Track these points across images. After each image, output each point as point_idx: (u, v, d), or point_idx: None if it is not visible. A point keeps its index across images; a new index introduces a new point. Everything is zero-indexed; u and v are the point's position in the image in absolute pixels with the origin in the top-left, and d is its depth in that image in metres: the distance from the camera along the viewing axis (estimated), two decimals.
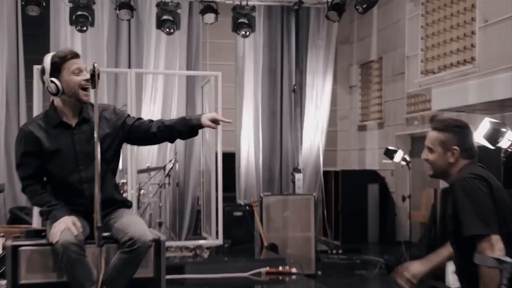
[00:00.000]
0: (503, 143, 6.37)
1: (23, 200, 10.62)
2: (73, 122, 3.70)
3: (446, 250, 3.47)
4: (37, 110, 8.83)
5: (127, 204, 3.95)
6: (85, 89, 3.69)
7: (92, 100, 3.61)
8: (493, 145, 6.47)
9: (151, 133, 3.85)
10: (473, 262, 3.08)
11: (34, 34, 11.11)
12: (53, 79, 3.68)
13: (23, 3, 10.35)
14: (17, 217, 9.89)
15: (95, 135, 3.40)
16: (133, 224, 3.65)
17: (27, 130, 3.72)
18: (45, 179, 3.78)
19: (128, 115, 4.00)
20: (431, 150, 3.37)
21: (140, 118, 3.98)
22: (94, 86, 3.45)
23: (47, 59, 3.73)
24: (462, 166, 3.30)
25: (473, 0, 8.32)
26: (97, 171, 3.33)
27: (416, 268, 3.22)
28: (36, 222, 8.64)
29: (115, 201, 3.82)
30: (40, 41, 11.05)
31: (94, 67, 3.45)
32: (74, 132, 3.66)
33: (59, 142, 3.66)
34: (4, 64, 10.86)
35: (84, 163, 3.56)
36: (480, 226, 3.03)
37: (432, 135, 3.38)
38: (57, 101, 3.73)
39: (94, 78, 3.44)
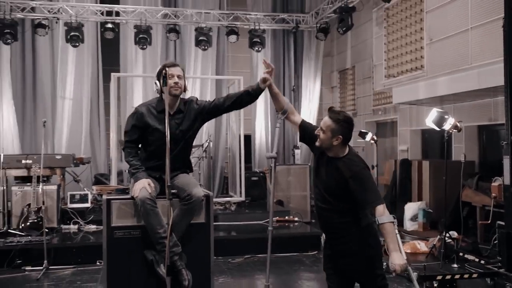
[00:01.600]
0: (446, 126, 6.41)
1: (102, 168, 10.80)
2: (171, 111, 3.60)
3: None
4: (113, 105, 8.94)
5: (187, 170, 3.86)
6: (175, 88, 3.61)
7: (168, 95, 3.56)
8: (439, 128, 6.49)
9: (225, 106, 3.77)
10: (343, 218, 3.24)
11: (109, 51, 11.20)
12: (156, 81, 3.67)
13: (102, 29, 10.46)
14: (99, 180, 10.02)
15: (166, 121, 3.37)
16: (190, 184, 3.61)
17: (140, 111, 3.67)
18: (140, 146, 3.73)
19: (206, 101, 3.84)
20: (323, 131, 3.23)
21: (214, 100, 3.85)
22: (165, 84, 3.45)
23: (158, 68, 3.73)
24: (348, 150, 3.30)
25: (421, 24, 8.38)
26: (168, 148, 3.30)
27: (401, 261, 3.03)
28: (113, 183, 8.78)
29: (182, 166, 3.75)
30: (113, 56, 11.17)
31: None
32: (171, 118, 3.54)
33: (160, 123, 3.59)
34: (89, 72, 10.99)
35: (172, 140, 3.42)
36: (379, 199, 3.17)
37: (327, 121, 3.22)
38: (162, 95, 3.66)
39: (165, 79, 3.46)
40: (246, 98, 3.73)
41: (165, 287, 3.29)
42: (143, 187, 3.42)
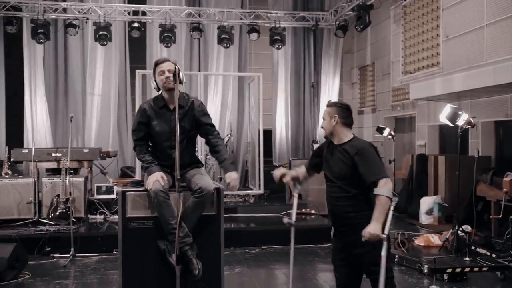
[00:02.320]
0: (459, 122, 6.31)
1: (129, 161, 10.93)
2: (172, 106, 3.61)
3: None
4: (138, 101, 9.02)
5: (198, 165, 3.88)
6: (167, 83, 3.59)
7: (175, 91, 3.53)
8: (452, 124, 6.41)
9: (207, 143, 3.84)
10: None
11: (136, 50, 11.32)
12: (153, 80, 3.70)
13: (129, 29, 10.58)
14: (125, 173, 10.13)
15: (176, 116, 3.36)
16: (202, 178, 3.63)
17: (143, 107, 3.70)
18: (149, 143, 3.76)
19: (205, 114, 3.81)
20: (324, 119, 3.43)
21: (212, 126, 3.84)
22: (175, 81, 3.44)
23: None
24: (353, 136, 3.38)
25: (438, 21, 8.23)
26: (177, 143, 3.31)
27: (375, 231, 3.04)
28: (138, 176, 8.89)
29: (191, 162, 3.78)
30: (140, 54, 11.28)
31: (175, 67, 3.49)
32: (172, 114, 3.55)
33: (161, 119, 3.63)
34: (116, 70, 11.13)
35: (174, 136, 3.42)
36: (383, 173, 3.19)
37: (325, 110, 3.44)
38: (162, 91, 3.70)
39: (175, 75, 3.44)
40: (213, 155, 3.90)
41: (175, 274, 3.33)
42: (156, 180, 3.45)
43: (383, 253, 3.10)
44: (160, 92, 3.72)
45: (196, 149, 8.90)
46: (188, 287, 3.43)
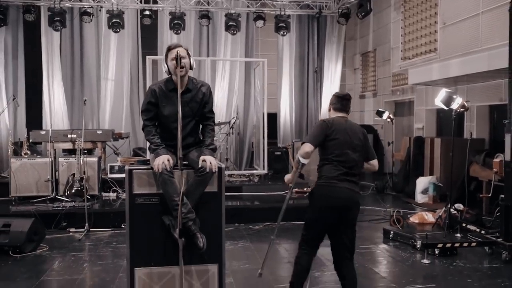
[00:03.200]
0: (454, 106, 6.30)
1: (141, 142, 11.02)
2: (180, 90, 3.48)
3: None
4: (149, 85, 9.03)
5: (200, 145, 3.77)
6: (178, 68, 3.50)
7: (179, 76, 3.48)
8: (447, 107, 6.39)
9: (202, 134, 3.80)
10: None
11: (147, 36, 11.31)
12: (165, 64, 3.66)
13: (140, 16, 10.57)
14: (137, 153, 10.14)
15: (179, 98, 3.32)
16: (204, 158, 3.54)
17: (152, 88, 3.66)
18: (157, 124, 3.71)
19: (208, 104, 3.73)
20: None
21: (210, 118, 3.77)
22: (177, 64, 3.42)
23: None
24: (334, 116, 3.78)
25: (436, 9, 8.16)
26: (179, 124, 3.27)
27: (289, 177, 3.83)
28: (148, 157, 8.94)
29: (195, 143, 3.74)
30: (151, 41, 11.27)
31: (177, 53, 3.45)
32: (181, 97, 3.41)
33: (170, 101, 3.59)
34: (129, 56, 11.15)
35: (182, 118, 3.35)
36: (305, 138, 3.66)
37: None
38: (172, 75, 3.64)
39: (177, 60, 3.43)
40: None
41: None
42: (162, 162, 3.45)
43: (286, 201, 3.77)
44: (170, 76, 3.72)
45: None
46: (192, 259, 3.49)
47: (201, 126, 3.80)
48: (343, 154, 3.57)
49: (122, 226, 6.58)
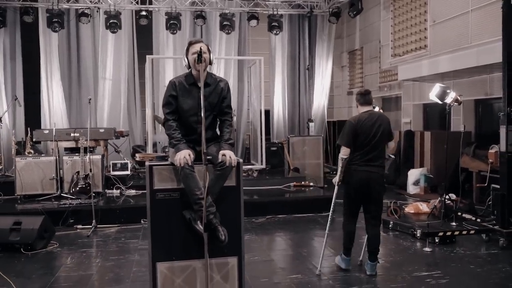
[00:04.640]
0: (448, 100, 6.31)
1: (138, 140, 10.90)
2: (199, 84, 3.44)
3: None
4: (148, 85, 8.94)
5: (218, 140, 3.67)
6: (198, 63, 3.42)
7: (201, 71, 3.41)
8: (441, 101, 6.39)
9: (220, 129, 3.71)
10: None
11: (144, 36, 11.13)
12: (185, 57, 3.56)
13: (137, 17, 10.42)
14: (136, 151, 9.98)
15: (201, 95, 3.27)
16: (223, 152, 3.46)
17: (172, 81, 3.59)
18: (177, 118, 3.60)
19: (226, 99, 3.65)
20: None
21: (227, 113, 3.67)
22: (200, 60, 3.34)
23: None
24: (361, 110, 4.62)
25: (425, 7, 8.19)
26: (203, 119, 3.24)
27: (336, 178, 4.62)
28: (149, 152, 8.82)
29: (213, 138, 3.67)
30: (147, 40, 11.10)
31: (200, 48, 3.36)
32: (199, 91, 3.40)
33: (190, 95, 3.54)
34: (126, 55, 10.95)
35: (201, 112, 3.29)
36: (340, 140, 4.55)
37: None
38: (191, 69, 3.57)
39: (200, 56, 3.34)
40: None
41: (200, 241, 3.34)
42: (184, 156, 3.39)
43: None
44: (190, 70, 3.65)
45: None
46: (212, 252, 3.44)
47: (218, 121, 3.72)
48: (366, 145, 4.42)
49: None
